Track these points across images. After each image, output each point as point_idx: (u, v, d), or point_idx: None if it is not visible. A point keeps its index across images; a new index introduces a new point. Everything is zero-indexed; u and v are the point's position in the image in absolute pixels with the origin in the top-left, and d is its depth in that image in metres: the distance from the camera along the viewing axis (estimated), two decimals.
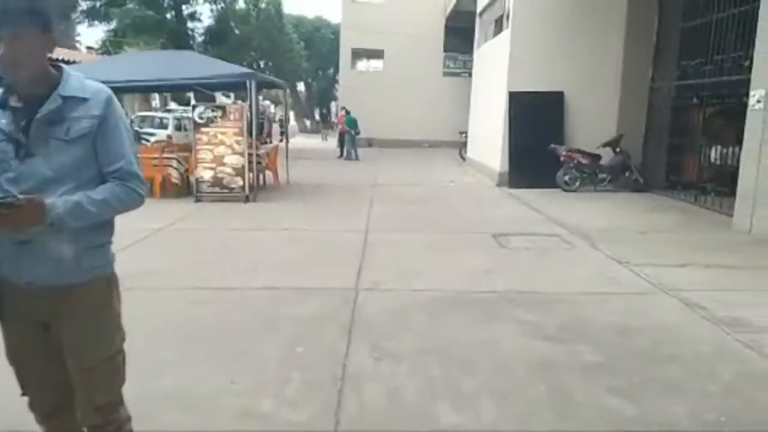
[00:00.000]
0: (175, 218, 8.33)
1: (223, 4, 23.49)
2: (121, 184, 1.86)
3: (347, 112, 20.34)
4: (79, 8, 20.38)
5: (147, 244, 6.80)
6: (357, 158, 19.54)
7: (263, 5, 26.92)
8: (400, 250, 6.59)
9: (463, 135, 18.49)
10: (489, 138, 13.91)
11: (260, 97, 24.82)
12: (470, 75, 18.99)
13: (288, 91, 13.93)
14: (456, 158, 19.39)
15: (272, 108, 41.01)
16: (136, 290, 4.39)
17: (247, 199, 9.82)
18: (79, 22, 22.21)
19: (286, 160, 12.65)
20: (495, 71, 13.62)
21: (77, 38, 28.53)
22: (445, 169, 16.68)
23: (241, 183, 9.80)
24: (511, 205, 10.09)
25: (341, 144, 20.73)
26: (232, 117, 9.69)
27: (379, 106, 25.44)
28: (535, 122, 11.87)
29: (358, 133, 20.15)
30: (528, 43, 12.11)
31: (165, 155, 10.33)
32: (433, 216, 8.86)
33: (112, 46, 20.71)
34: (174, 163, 10.32)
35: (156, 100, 35.60)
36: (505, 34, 12.87)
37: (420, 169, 16.36)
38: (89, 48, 23.73)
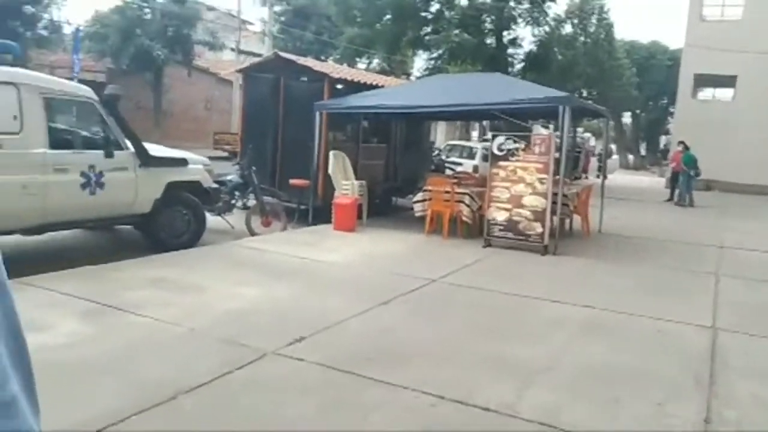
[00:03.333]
0: (456, 266, 6.98)
1: (547, 28, 22.02)
2: None
3: (685, 148, 16.84)
4: (405, 37, 21.05)
5: (408, 302, 5.52)
6: (692, 204, 15.99)
7: (592, 29, 24.69)
8: None
9: None
10: None
11: (579, 129, 22.60)
12: None
13: (611, 121, 11.66)
14: None
15: (592, 140, 38.15)
16: (366, 380, 3.01)
17: (545, 250, 7.99)
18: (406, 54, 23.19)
19: (600, 201, 10.42)
20: None
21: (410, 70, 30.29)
22: None
23: (539, 230, 8.02)
24: None
25: (672, 185, 17.33)
26: (536, 150, 8.00)
27: (724, 143, 20.92)
28: None
29: (698, 174, 16.52)
30: None
31: (458, 190, 9.15)
32: None
33: (433, 73, 20.94)
34: (466, 199, 9.06)
35: (476, 129, 36.10)
36: None
37: None
38: (407, 76, 24.63)
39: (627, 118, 41.65)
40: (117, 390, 3.35)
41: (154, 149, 7.03)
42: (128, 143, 6.60)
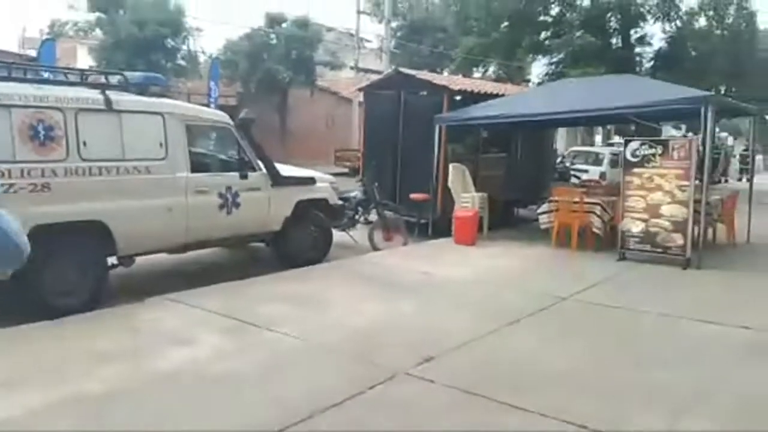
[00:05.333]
0: (588, 282, 6.61)
1: (679, 23, 20.55)
2: None
3: None
4: (524, 43, 20.52)
5: (538, 322, 5.29)
6: None
7: (730, 20, 22.71)
8: None
9: None
10: None
11: (716, 129, 20.85)
12: None
13: (754, 118, 10.61)
14: None
15: (730, 140, 35.07)
16: (501, 405, 2.93)
17: (687, 264, 7.37)
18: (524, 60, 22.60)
19: (748, 208, 9.47)
20: None
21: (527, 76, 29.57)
22: None
23: (680, 242, 7.41)
24: None
25: None
26: (675, 155, 7.42)
27: None
28: None
29: None
30: None
31: (587, 200, 8.70)
32: None
33: (552, 79, 20.25)
34: (597, 210, 8.59)
35: (600, 133, 34.44)
36: None
37: None
38: (525, 82, 23.99)
39: None
40: (259, 405, 3.48)
41: (284, 169, 7.32)
42: (260, 164, 6.92)
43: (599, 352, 4.54)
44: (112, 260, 5.83)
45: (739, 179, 24.17)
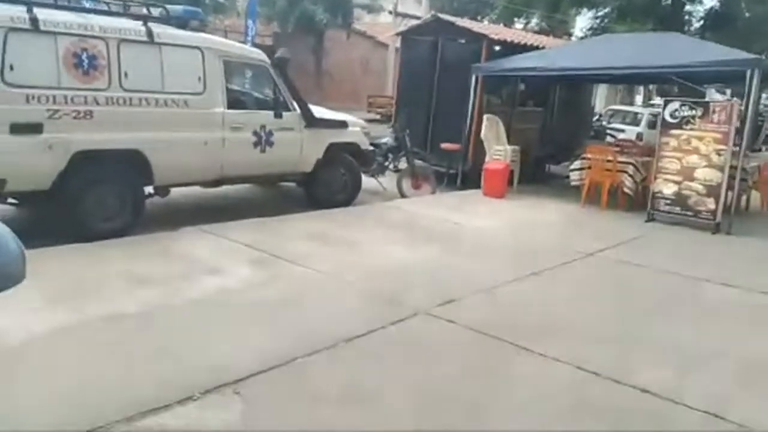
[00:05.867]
0: (615, 240, 6.62)
1: None
2: None
3: None
4: None
5: (562, 275, 5.36)
6: None
7: None
8: None
9: None
10: None
11: (763, 95, 20.16)
12: None
13: None
14: None
15: None
16: (518, 348, 3.07)
17: (717, 228, 7.31)
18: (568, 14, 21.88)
19: None
20: None
21: (571, 30, 28.64)
22: None
23: (712, 206, 7.33)
24: None
25: None
26: (715, 118, 7.25)
27: None
28: None
29: None
30: None
31: (621, 159, 8.59)
32: None
33: (597, 33, 19.62)
34: (630, 169, 8.49)
35: (640, 93, 33.41)
36: None
37: None
38: (568, 36, 23.27)
39: None
40: (284, 331, 3.65)
41: (318, 111, 7.36)
42: (295, 105, 6.97)
43: (618, 307, 4.61)
44: (149, 190, 6.02)
45: None
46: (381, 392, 3.04)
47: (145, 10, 6.07)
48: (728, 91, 27.53)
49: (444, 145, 9.65)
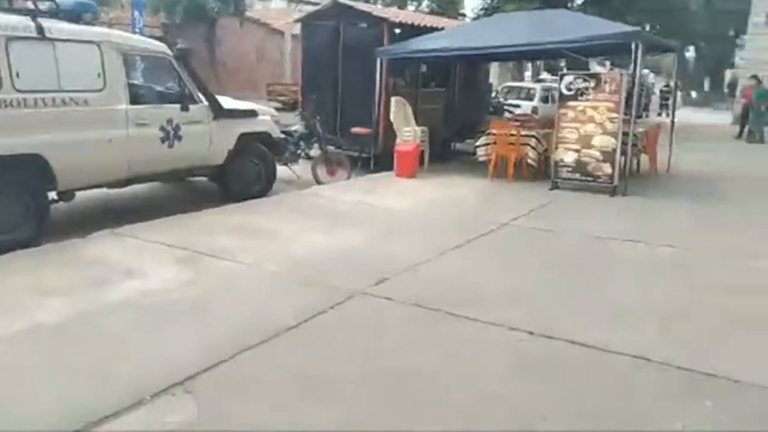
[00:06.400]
0: (525, 209, 6.98)
1: None
2: None
3: (758, 82, 15.98)
4: None
5: (481, 246, 5.60)
6: (762, 140, 15.33)
7: None
8: None
9: None
10: None
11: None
12: None
13: (677, 55, 11.13)
14: None
15: (651, 77, 36.46)
16: (457, 317, 3.18)
17: (614, 191, 7.87)
18: None
19: (669, 141, 10.10)
20: None
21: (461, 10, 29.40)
22: None
23: (609, 171, 7.89)
24: None
25: (742, 121, 16.59)
26: (607, 88, 7.78)
27: None
28: None
29: None
30: None
31: (524, 132, 9.02)
32: None
33: (488, 13, 20.30)
34: (532, 142, 8.94)
35: (529, 69, 34.91)
36: None
37: None
38: (462, 15, 23.93)
39: (690, 52, 39.51)
40: (227, 328, 3.58)
41: (225, 102, 7.18)
42: (201, 97, 6.76)
43: (539, 271, 4.89)
44: (52, 195, 5.66)
45: (659, 114, 25.36)
46: (335, 375, 3.07)
47: (31, 4, 5.63)
48: (607, 63, 29.28)
49: (355, 130, 9.70)
